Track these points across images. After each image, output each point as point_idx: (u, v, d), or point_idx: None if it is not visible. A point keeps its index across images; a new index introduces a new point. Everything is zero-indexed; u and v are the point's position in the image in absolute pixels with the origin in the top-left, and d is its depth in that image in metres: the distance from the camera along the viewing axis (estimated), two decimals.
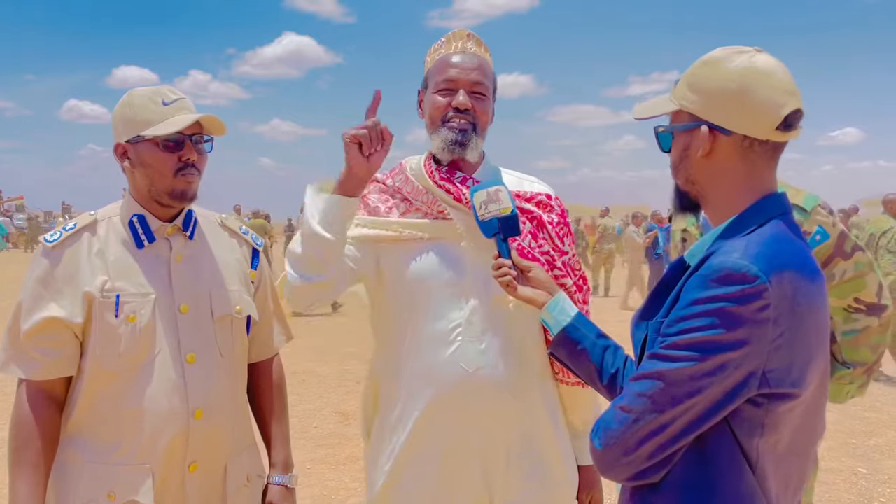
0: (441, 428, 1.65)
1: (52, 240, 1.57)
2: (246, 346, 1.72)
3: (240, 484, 1.66)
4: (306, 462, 4.36)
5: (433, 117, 1.70)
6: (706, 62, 1.17)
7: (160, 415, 1.52)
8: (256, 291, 1.75)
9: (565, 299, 1.42)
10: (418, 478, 1.68)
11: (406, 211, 1.72)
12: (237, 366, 1.69)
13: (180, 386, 1.55)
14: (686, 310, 1.07)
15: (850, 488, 4.18)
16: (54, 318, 1.51)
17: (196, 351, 1.58)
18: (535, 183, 1.82)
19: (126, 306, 1.53)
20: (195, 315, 1.59)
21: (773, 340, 1.03)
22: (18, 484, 1.49)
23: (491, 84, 1.74)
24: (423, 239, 1.68)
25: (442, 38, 1.78)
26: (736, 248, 1.08)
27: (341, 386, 6.40)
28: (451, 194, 1.67)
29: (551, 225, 1.72)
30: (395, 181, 1.77)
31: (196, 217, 1.68)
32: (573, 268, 1.73)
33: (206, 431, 1.57)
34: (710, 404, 1.05)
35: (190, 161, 1.55)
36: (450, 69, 1.69)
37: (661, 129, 1.23)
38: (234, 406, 1.66)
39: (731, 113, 1.14)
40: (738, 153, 1.16)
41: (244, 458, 1.69)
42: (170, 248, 1.61)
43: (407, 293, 1.69)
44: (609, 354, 1.32)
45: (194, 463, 1.57)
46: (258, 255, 1.77)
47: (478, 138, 1.70)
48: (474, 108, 1.68)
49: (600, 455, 1.12)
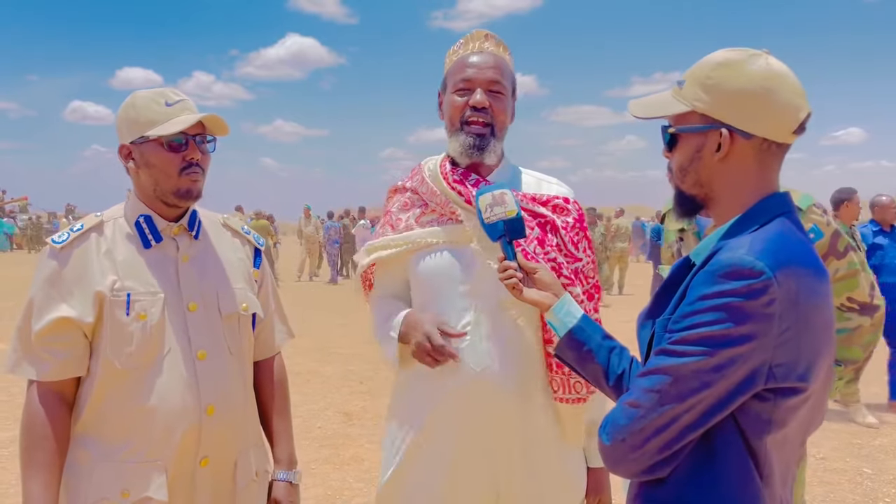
0: (449, 426, 1.66)
1: (59, 241, 1.58)
2: (252, 344, 1.75)
3: (249, 479, 1.68)
4: (310, 462, 4.37)
5: (452, 118, 1.72)
6: (723, 64, 1.15)
7: (173, 411, 1.54)
8: (259, 290, 1.77)
9: (571, 301, 1.42)
10: (426, 474, 1.69)
11: (423, 213, 1.76)
12: (245, 363, 1.72)
13: (192, 383, 1.57)
14: (693, 305, 1.07)
15: (855, 488, 4.17)
16: (65, 318, 1.53)
17: (206, 348, 1.60)
18: (555, 185, 1.82)
19: (136, 304, 1.55)
20: (204, 313, 1.62)
21: (779, 335, 1.03)
22: (31, 485, 1.49)
23: (509, 83, 1.74)
24: (437, 244, 1.71)
25: (461, 40, 1.80)
26: (742, 244, 1.08)
27: (345, 386, 6.40)
28: (462, 196, 1.69)
29: (565, 229, 1.71)
30: (414, 182, 1.81)
31: (200, 217, 1.70)
32: (586, 276, 1.72)
33: (217, 427, 1.59)
34: (717, 399, 1.05)
35: (194, 160, 1.57)
36: (467, 69, 1.71)
37: (672, 129, 1.21)
38: (243, 402, 1.69)
39: (753, 116, 1.13)
40: (753, 155, 1.15)
41: (253, 454, 1.71)
42: (176, 248, 1.63)
43: (420, 293, 1.74)
44: (615, 356, 1.32)
45: (206, 458, 1.59)
46: (260, 254, 1.81)
47: (496, 141, 1.71)
48: (492, 106, 1.69)
49: (608, 450, 1.12)
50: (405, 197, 1.82)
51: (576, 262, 1.69)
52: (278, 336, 1.85)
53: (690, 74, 1.19)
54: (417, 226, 1.75)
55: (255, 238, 1.81)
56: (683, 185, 1.22)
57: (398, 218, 1.80)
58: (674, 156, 1.22)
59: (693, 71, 1.19)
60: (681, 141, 1.20)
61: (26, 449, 1.52)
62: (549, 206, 1.73)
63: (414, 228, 1.75)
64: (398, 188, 1.86)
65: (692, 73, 1.19)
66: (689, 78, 1.19)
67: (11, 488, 3.82)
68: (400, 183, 1.86)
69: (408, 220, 1.77)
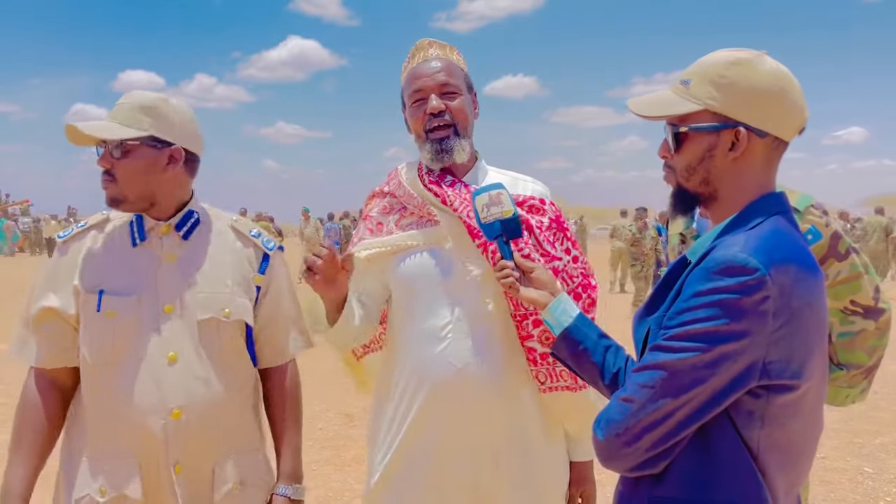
0: (433, 425, 1.67)
1: (62, 235, 1.68)
2: (241, 350, 1.68)
3: (227, 489, 1.62)
4: (311, 463, 4.37)
5: (416, 130, 1.75)
6: (737, 63, 1.15)
7: (138, 411, 1.54)
8: (264, 296, 1.72)
9: (567, 300, 1.43)
10: (410, 474, 1.70)
11: (402, 217, 1.78)
12: (228, 370, 1.64)
13: (159, 385, 1.55)
14: (688, 302, 1.08)
15: (856, 488, 4.17)
16: (50, 307, 1.61)
17: (179, 351, 1.58)
18: (530, 183, 1.83)
19: (107, 302, 1.57)
20: (180, 316, 1.59)
21: (773, 332, 1.04)
22: (13, 459, 1.57)
23: (461, 81, 1.76)
24: (416, 246, 1.73)
25: (409, 53, 1.81)
26: (736, 242, 1.09)
27: (346, 388, 6.39)
28: (438, 197, 1.71)
29: (539, 228, 1.71)
30: (391, 186, 1.82)
31: (199, 218, 1.68)
32: (570, 275, 1.72)
33: (188, 432, 1.56)
34: (711, 395, 1.06)
35: (102, 168, 1.59)
36: (416, 80, 1.73)
37: (685, 129, 1.18)
38: (222, 410, 1.62)
39: (769, 114, 1.14)
40: (763, 154, 1.16)
41: (235, 463, 1.64)
42: (162, 248, 1.63)
43: (401, 293, 1.76)
44: (611, 354, 1.33)
45: (178, 464, 1.56)
46: (268, 259, 1.73)
47: (461, 140, 1.72)
48: (448, 108, 1.71)
49: (603, 446, 1.13)
50: (384, 201, 1.83)
51: (554, 261, 1.69)
52: (292, 343, 1.76)
53: (697, 73, 1.18)
54: (398, 229, 1.77)
55: (264, 242, 1.74)
56: (689, 183, 1.21)
57: (379, 222, 1.81)
58: (679, 155, 1.20)
59: (701, 70, 1.18)
60: (689, 140, 1.18)
61: (15, 428, 1.60)
62: (525, 206, 1.74)
63: (394, 232, 1.77)
64: (376, 193, 1.87)
65: (700, 72, 1.17)
66: (696, 77, 1.17)
67: None
68: (378, 188, 1.87)
69: (388, 225, 1.78)
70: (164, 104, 1.61)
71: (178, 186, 1.66)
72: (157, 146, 1.59)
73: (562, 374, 1.67)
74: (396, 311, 1.77)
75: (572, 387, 1.68)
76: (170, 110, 1.61)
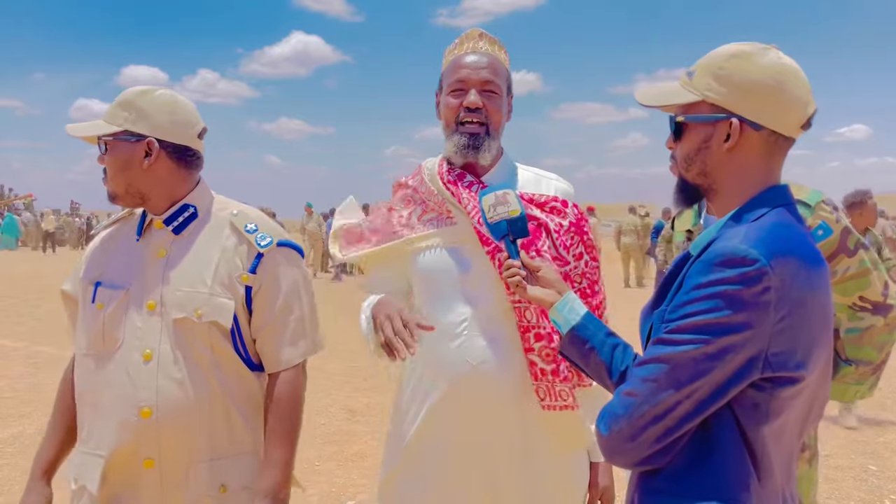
0: (448, 420, 1.67)
1: (97, 228, 1.77)
2: (225, 352, 1.59)
3: (201, 493, 1.56)
4: (314, 459, 4.38)
5: (447, 119, 1.74)
6: (736, 55, 1.15)
7: (109, 406, 1.54)
8: (255, 296, 1.61)
9: (574, 299, 1.42)
10: (424, 470, 1.70)
11: (423, 213, 1.78)
12: (208, 372, 1.56)
13: (132, 382, 1.53)
14: (689, 294, 1.08)
15: (860, 485, 4.16)
16: (65, 291, 1.75)
17: (154, 350, 1.54)
18: (554, 181, 1.82)
19: (100, 294, 1.60)
20: (160, 314, 1.56)
21: (775, 324, 1.03)
22: (44, 444, 1.70)
23: (503, 82, 1.75)
24: (434, 244, 1.73)
25: (456, 40, 1.80)
26: (737, 234, 1.09)
27: (349, 383, 6.42)
28: (455, 196, 1.72)
29: (557, 232, 1.71)
30: (415, 181, 1.83)
31: (195, 212, 1.63)
32: (573, 280, 1.70)
33: (159, 432, 1.53)
34: (714, 387, 1.05)
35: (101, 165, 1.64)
36: (461, 70, 1.72)
37: (681, 118, 1.20)
38: (201, 412, 1.55)
39: (765, 108, 1.13)
40: (761, 148, 1.16)
41: (218, 467, 1.57)
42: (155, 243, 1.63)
43: (419, 291, 1.76)
44: (618, 352, 1.32)
45: (149, 460, 1.53)
46: (261, 257, 1.61)
47: (490, 140, 1.72)
48: (486, 106, 1.70)
49: (606, 441, 1.13)
50: (408, 192, 1.84)
51: (564, 266, 1.68)
52: (288, 351, 1.62)
53: (701, 64, 1.19)
54: (419, 224, 1.77)
55: (258, 239, 1.62)
56: (688, 174, 1.22)
57: (399, 215, 1.81)
58: (680, 145, 1.22)
59: (704, 61, 1.19)
60: (688, 130, 1.20)
61: (53, 407, 1.73)
62: (547, 207, 1.73)
63: (416, 227, 1.77)
64: (402, 183, 1.88)
65: (703, 64, 1.19)
66: (699, 68, 1.19)
67: (17, 485, 3.84)
68: (404, 179, 1.88)
69: (409, 218, 1.79)
70: (141, 97, 1.59)
71: (169, 179, 1.61)
72: (131, 140, 1.57)
73: (560, 394, 1.65)
74: (420, 308, 1.76)
75: (571, 405, 1.66)
76: (146, 103, 1.59)
